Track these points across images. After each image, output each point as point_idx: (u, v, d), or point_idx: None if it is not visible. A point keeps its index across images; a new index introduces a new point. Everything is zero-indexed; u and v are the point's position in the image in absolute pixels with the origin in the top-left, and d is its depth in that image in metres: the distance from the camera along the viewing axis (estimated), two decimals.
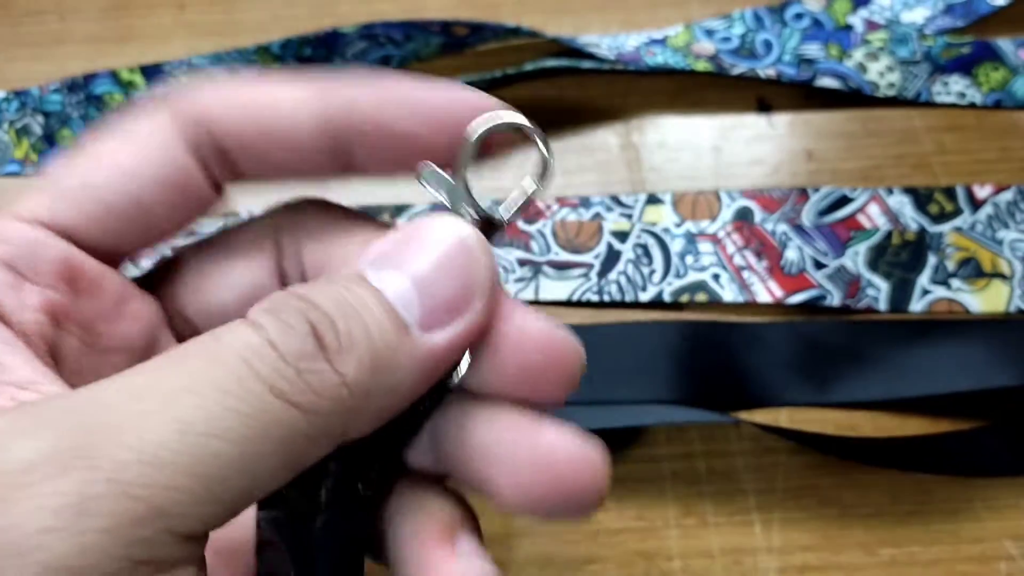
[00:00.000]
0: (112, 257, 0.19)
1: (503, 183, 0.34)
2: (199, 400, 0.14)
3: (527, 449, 0.16)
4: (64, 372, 0.18)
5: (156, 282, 0.20)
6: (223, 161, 0.19)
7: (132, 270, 0.20)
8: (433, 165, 0.17)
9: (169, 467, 0.13)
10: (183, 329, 0.20)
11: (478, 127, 0.17)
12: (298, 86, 0.18)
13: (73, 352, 0.18)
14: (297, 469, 0.15)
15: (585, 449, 0.17)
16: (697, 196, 0.34)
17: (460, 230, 0.16)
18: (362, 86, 0.18)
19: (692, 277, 0.33)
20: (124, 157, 0.18)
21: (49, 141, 0.36)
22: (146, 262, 0.21)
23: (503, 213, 0.17)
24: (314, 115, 0.18)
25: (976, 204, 0.33)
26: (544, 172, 0.17)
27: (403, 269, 0.16)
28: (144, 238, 0.19)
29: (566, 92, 0.36)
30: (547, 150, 0.17)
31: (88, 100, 0.35)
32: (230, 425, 0.14)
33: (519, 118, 0.17)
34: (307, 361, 0.15)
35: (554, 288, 0.33)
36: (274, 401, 0.14)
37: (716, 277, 0.33)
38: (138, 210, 0.18)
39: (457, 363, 0.17)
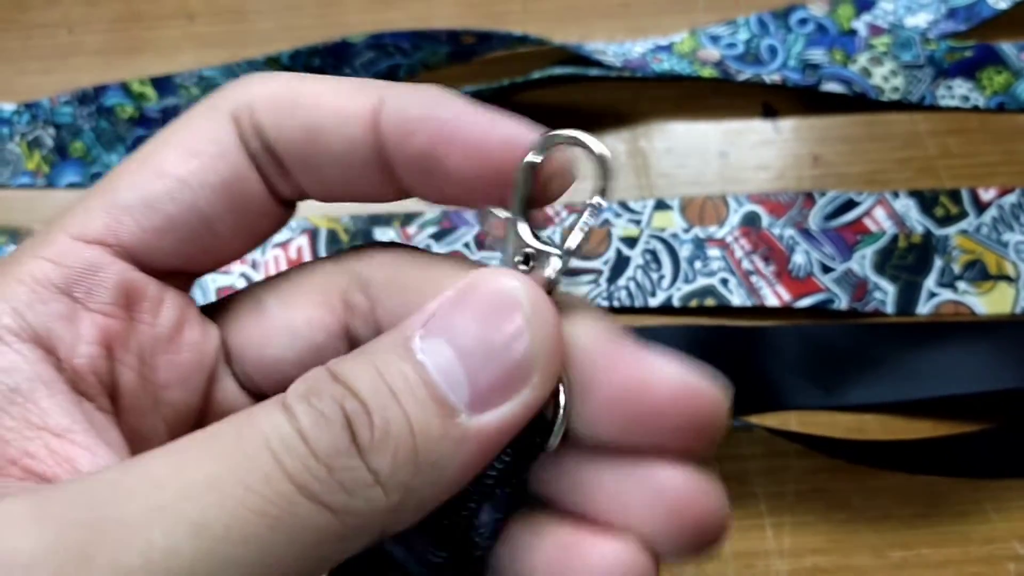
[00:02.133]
0: (173, 277, 0.18)
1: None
2: (220, 498, 0.13)
3: (650, 492, 0.15)
4: (120, 410, 0.17)
5: (219, 313, 0.19)
6: (280, 171, 0.17)
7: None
8: (494, 210, 0.16)
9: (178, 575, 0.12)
10: (239, 370, 0.18)
11: (532, 149, 0.15)
12: (354, 94, 0.16)
13: (129, 387, 0.17)
14: (327, 567, 0.14)
15: (709, 488, 0.15)
16: (705, 201, 0.34)
17: (513, 289, 0.14)
18: (418, 110, 0.16)
19: (701, 282, 0.33)
20: (182, 165, 0.16)
21: (60, 153, 0.36)
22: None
23: (570, 243, 0.15)
24: (365, 135, 0.16)
25: (981, 207, 0.34)
26: (606, 186, 0.15)
27: (451, 338, 0.14)
28: (208, 256, 0.18)
29: (573, 99, 0.36)
30: (607, 163, 0.15)
31: (99, 112, 0.36)
32: (253, 529, 0.13)
33: (574, 132, 0.16)
34: (339, 458, 0.13)
35: None
36: (304, 502, 0.13)
37: (724, 282, 0.33)
38: (200, 223, 0.17)
39: (549, 428, 0.15)
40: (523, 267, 0.15)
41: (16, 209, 0.36)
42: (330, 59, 0.36)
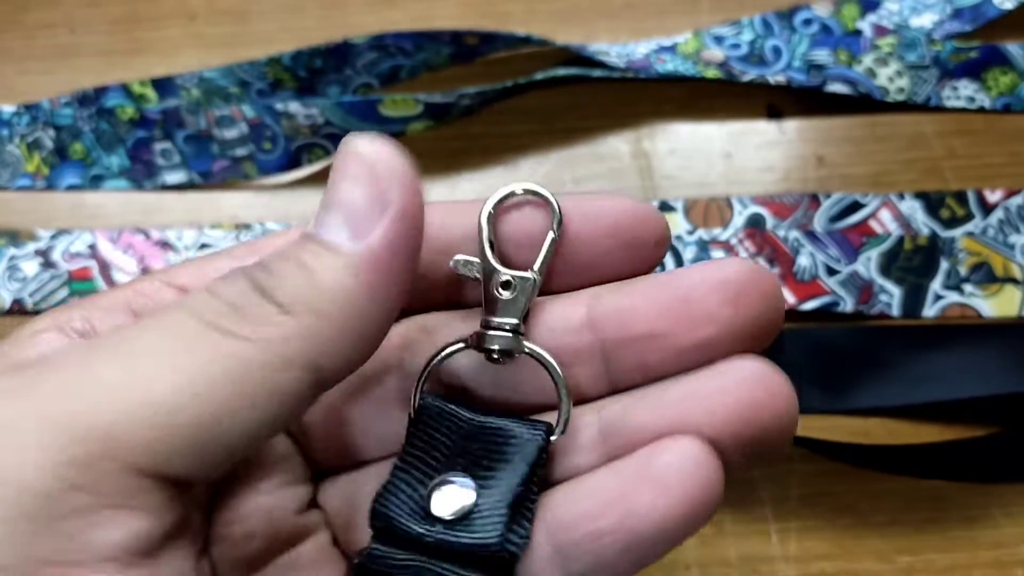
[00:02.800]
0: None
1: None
2: (156, 359, 0.15)
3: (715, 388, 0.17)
4: None
5: None
6: None
7: None
8: (463, 255, 0.19)
9: (120, 402, 0.14)
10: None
11: (490, 201, 0.19)
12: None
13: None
14: (269, 404, 0.15)
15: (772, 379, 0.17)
16: (709, 203, 0.34)
17: (354, 146, 0.17)
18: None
19: None
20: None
21: (60, 155, 0.36)
22: None
23: (535, 271, 0.18)
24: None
25: (987, 208, 0.34)
26: (559, 223, 0.18)
27: (327, 207, 0.17)
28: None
29: (576, 100, 0.36)
30: (558, 206, 0.18)
31: (99, 113, 0.35)
32: (183, 363, 0.15)
33: (527, 184, 0.19)
34: (246, 297, 0.16)
35: None
36: (221, 338, 0.15)
37: None
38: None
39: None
40: (506, 293, 0.18)
41: (16, 211, 0.36)
42: (332, 60, 0.36)
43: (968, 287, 0.32)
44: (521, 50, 0.37)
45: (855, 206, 0.34)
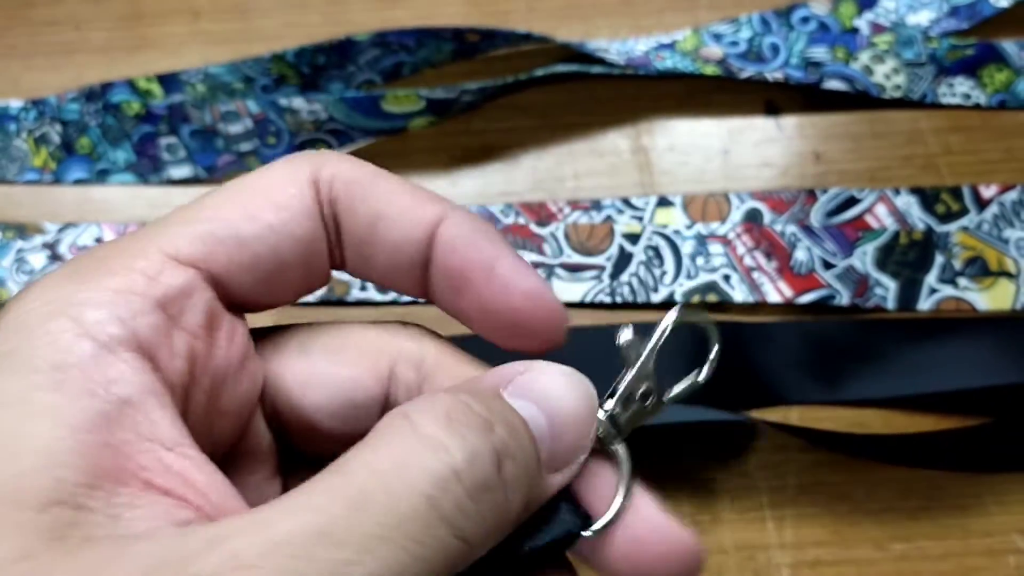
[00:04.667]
0: (240, 310, 0.19)
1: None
2: (391, 552, 0.14)
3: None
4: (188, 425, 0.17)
5: (262, 347, 0.20)
6: (336, 243, 0.19)
7: None
8: (630, 332, 0.19)
9: None
10: (269, 405, 0.19)
11: (670, 319, 0.19)
12: (424, 200, 0.19)
13: (198, 411, 0.18)
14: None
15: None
16: (707, 198, 0.35)
17: (589, 387, 0.17)
18: (470, 235, 0.18)
19: (703, 278, 0.33)
20: (272, 214, 0.18)
21: (67, 149, 0.36)
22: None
23: (667, 397, 0.19)
24: (422, 242, 0.18)
25: (982, 204, 0.34)
26: (713, 363, 0.19)
27: (542, 408, 0.16)
28: (268, 298, 0.19)
29: (576, 96, 0.37)
30: (718, 343, 0.19)
31: (105, 109, 0.36)
32: (409, 569, 0.14)
33: (701, 316, 0.19)
34: (488, 492, 0.15)
35: (567, 290, 0.33)
36: (450, 538, 0.14)
37: (727, 278, 0.33)
38: (277, 268, 0.18)
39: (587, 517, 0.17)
40: (634, 404, 0.19)
41: (23, 205, 0.36)
42: (335, 57, 0.36)
43: (963, 281, 0.33)
44: (522, 47, 0.37)
45: (851, 201, 0.34)
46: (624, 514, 0.17)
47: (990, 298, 0.33)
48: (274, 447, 0.20)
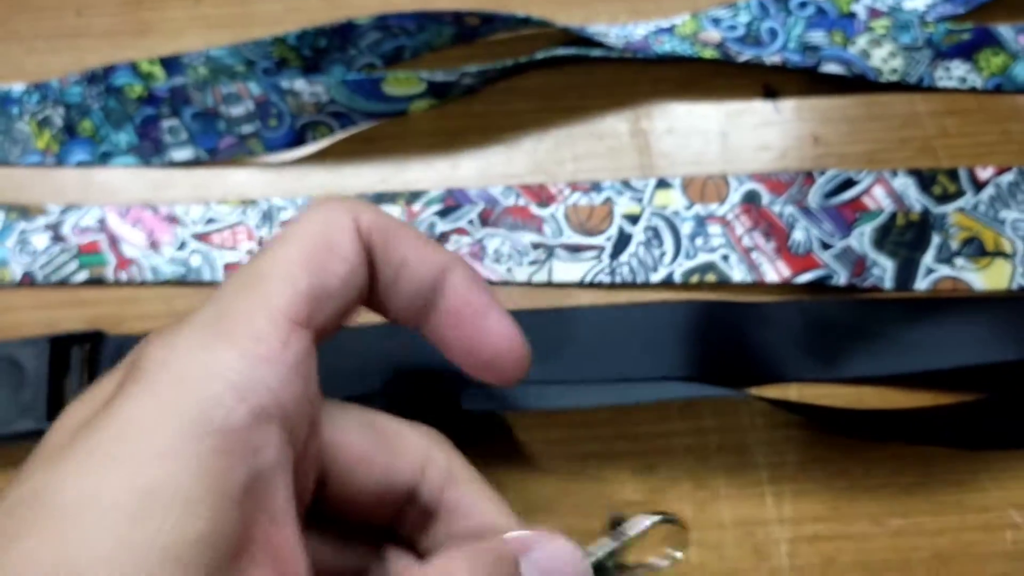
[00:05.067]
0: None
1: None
2: None
3: None
4: None
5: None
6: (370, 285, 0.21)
7: None
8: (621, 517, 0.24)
9: None
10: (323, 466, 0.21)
11: (636, 526, 0.23)
12: (439, 252, 0.21)
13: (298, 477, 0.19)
14: None
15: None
16: (706, 180, 0.35)
17: (589, 571, 0.21)
18: (475, 287, 0.22)
19: (702, 258, 0.34)
20: (342, 266, 0.19)
21: (70, 132, 0.36)
22: None
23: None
24: (436, 284, 0.21)
25: (978, 185, 0.34)
26: (686, 546, 0.24)
27: None
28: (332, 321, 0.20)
29: (575, 80, 0.37)
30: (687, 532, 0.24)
31: (107, 91, 0.36)
32: None
33: (668, 515, 0.24)
34: None
35: (567, 270, 0.34)
36: None
37: (725, 258, 0.33)
38: (347, 317, 0.20)
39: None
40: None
41: (26, 187, 0.36)
42: (336, 40, 0.37)
43: (959, 261, 0.33)
44: (521, 31, 0.37)
45: (849, 183, 0.34)
46: None
47: (987, 278, 0.33)
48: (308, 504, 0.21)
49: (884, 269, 0.33)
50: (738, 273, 0.33)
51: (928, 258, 0.33)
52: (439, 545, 0.22)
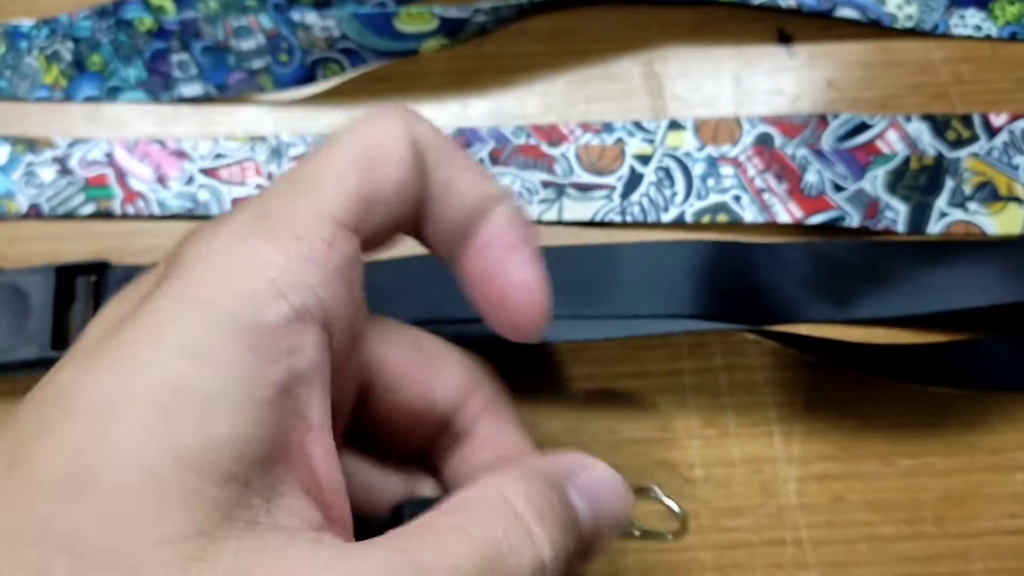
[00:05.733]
0: None
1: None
2: None
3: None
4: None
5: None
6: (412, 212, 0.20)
7: None
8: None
9: None
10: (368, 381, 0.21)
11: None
12: (490, 178, 0.20)
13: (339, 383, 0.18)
14: None
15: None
16: (719, 122, 0.35)
17: (631, 496, 0.21)
18: (514, 232, 0.20)
19: (713, 199, 0.33)
20: (398, 170, 0.18)
21: (78, 67, 0.36)
22: None
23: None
24: (481, 213, 0.20)
25: (992, 131, 0.34)
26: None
27: (594, 509, 0.19)
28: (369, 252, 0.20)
29: (588, 22, 0.37)
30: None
31: (118, 25, 0.36)
32: None
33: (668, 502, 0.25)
34: None
35: (577, 209, 0.33)
36: None
37: (737, 199, 0.33)
38: (400, 225, 0.19)
39: None
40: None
41: (34, 122, 0.36)
42: None
43: (972, 205, 0.33)
44: None
45: (863, 127, 0.34)
46: None
47: (999, 222, 0.33)
48: (348, 420, 0.20)
49: (897, 212, 0.33)
50: (750, 214, 0.33)
51: (941, 202, 0.33)
52: (464, 475, 0.21)
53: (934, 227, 0.33)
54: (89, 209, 0.34)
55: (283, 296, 0.15)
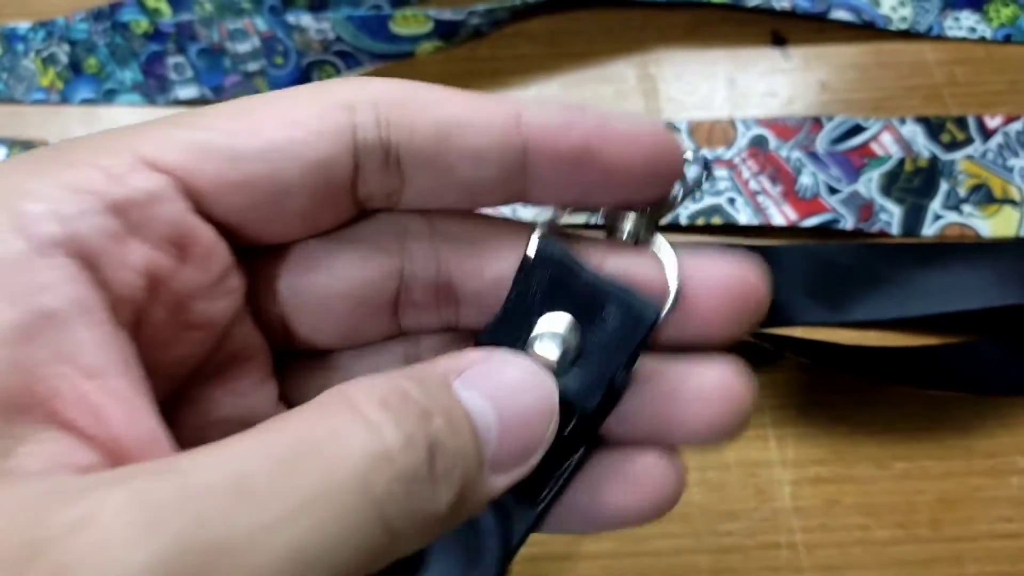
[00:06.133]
0: (226, 234, 0.17)
1: None
2: (317, 523, 0.12)
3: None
4: (139, 341, 0.16)
5: (250, 255, 0.18)
6: (384, 169, 0.17)
7: None
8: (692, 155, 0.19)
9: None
10: (267, 310, 0.18)
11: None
12: (493, 100, 0.17)
13: (157, 324, 0.16)
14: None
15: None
16: (713, 125, 0.35)
17: (550, 388, 0.16)
18: (563, 113, 0.17)
19: (708, 201, 0.33)
20: (280, 131, 0.16)
21: (75, 69, 0.36)
22: None
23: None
24: (509, 135, 0.17)
25: (987, 133, 0.34)
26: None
27: (494, 402, 0.15)
28: (273, 230, 0.17)
29: (583, 25, 0.37)
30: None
31: (114, 28, 0.36)
32: (337, 555, 0.12)
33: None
34: (418, 483, 0.13)
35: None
36: (376, 526, 0.13)
37: (732, 201, 0.33)
38: (276, 193, 0.16)
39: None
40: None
41: (30, 124, 0.36)
42: None
43: (967, 207, 0.33)
44: None
45: (857, 129, 0.34)
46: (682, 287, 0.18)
47: (994, 225, 0.33)
48: (266, 347, 0.18)
49: (891, 214, 0.33)
50: (744, 216, 0.33)
51: (936, 204, 0.33)
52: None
53: (928, 229, 0.33)
54: None
55: (21, 228, 0.14)
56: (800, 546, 0.29)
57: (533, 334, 0.17)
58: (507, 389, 0.16)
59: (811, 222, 0.33)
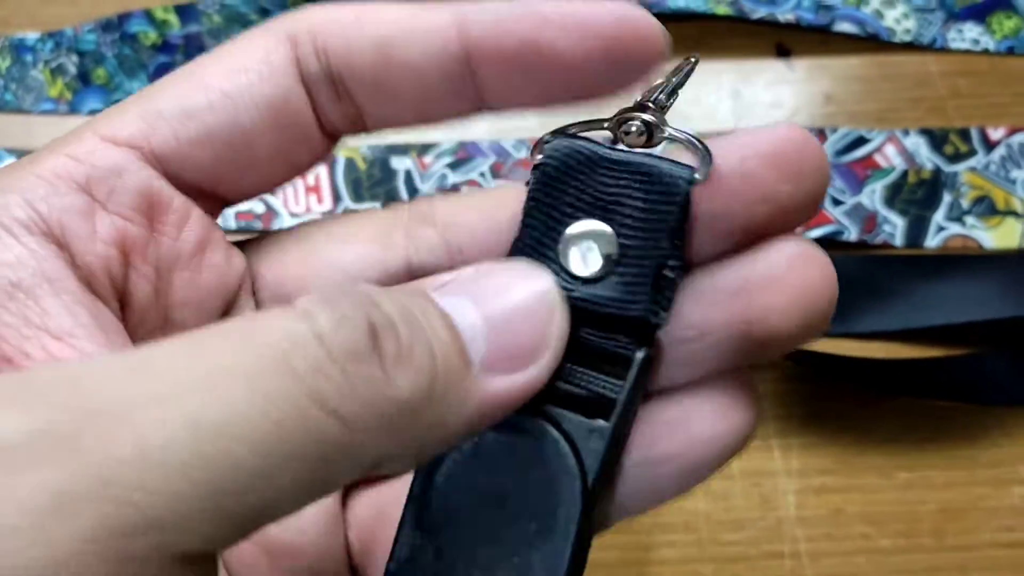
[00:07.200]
0: (204, 199, 0.17)
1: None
2: (221, 394, 0.11)
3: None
4: (130, 319, 0.17)
5: (258, 245, 0.18)
6: (337, 96, 0.17)
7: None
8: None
9: (174, 471, 0.11)
10: (270, 301, 0.18)
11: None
12: (431, 10, 0.16)
13: (142, 298, 0.17)
14: (323, 492, 0.13)
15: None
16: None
17: (543, 283, 0.15)
18: (509, 9, 0.16)
19: None
20: (228, 80, 0.16)
21: (83, 80, 0.37)
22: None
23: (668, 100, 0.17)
24: (449, 42, 0.16)
25: (990, 145, 0.34)
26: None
27: (477, 303, 0.14)
28: (240, 179, 0.17)
29: None
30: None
31: (122, 39, 0.36)
32: (254, 429, 0.11)
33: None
34: (358, 363, 0.12)
35: None
36: (312, 408, 0.12)
37: None
38: (239, 140, 0.16)
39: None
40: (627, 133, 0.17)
41: (38, 135, 0.36)
42: None
43: (970, 219, 0.33)
44: None
45: (861, 141, 0.34)
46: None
47: (997, 236, 0.33)
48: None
49: (895, 226, 0.33)
50: None
51: (939, 216, 0.33)
52: None
53: (932, 241, 0.33)
54: None
55: None
56: (804, 555, 0.30)
57: (560, 245, 0.16)
58: (491, 290, 0.15)
59: (815, 233, 0.33)
